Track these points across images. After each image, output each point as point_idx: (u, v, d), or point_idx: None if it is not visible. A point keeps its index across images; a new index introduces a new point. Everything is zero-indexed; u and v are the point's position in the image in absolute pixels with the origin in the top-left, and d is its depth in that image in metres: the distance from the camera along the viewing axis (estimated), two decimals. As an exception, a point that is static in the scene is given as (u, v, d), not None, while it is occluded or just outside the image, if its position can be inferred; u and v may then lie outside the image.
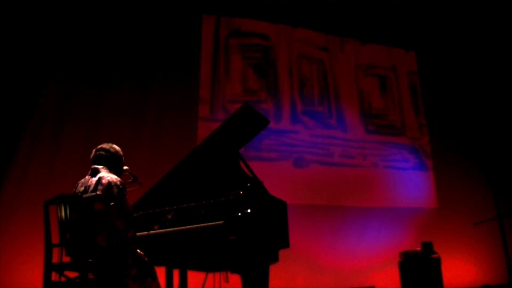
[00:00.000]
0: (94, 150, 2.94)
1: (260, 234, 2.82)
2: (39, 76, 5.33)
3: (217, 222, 2.79)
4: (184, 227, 2.91)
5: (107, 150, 2.92)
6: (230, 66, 6.17)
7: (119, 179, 2.78)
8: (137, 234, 2.96)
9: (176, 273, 3.38)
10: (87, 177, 2.84)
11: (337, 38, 6.88)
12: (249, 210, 2.76)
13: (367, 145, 6.56)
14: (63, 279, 2.67)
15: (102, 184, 2.70)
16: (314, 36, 6.75)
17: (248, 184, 3.02)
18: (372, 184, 6.37)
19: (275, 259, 3.01)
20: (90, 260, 2.57)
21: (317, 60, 6.67)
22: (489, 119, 7.23)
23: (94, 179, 2.76)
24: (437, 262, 5.02)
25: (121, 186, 2.74)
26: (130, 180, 3.08)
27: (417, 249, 5.13)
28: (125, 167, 3.05)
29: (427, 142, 6.91)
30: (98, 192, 2.67)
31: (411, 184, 6.56)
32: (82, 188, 2.78)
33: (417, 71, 7.23)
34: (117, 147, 2.98)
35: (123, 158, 3.01)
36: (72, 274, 2.65)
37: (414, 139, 6.88)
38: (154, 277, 2.72)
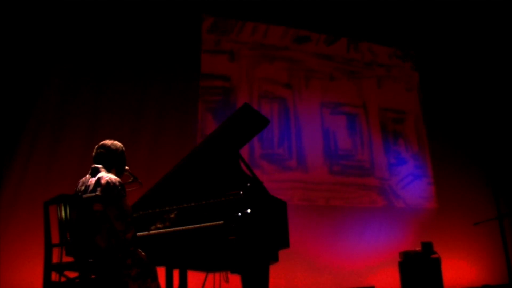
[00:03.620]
0: (96, 147, 2.93)
1: (260, 234, 2.82)
2: (39, 76, 5.32)
3: (217, 222, 2.79)
4: (184, 227, 2.91)
5: (106, 148, 2.90)
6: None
7: (118, 179, 2.77)
8: (137, 234, 2.96)
9: (176, 273, 3.38)
10: (87, 176, 2.84)
11: (301, 73, 6.49)
12: (249, 210, 2.76)
13: (331, 187, 6.15)
14: (63, 279, 2.67)
15: (101, 184, 2.70)
16: (277, 72, 6.37)
17: (248, 184, 3.02)
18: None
19: (275, 259, 3.02)
20: (90, 260, 2.57)
21: (279, 98, 6.28)
22: (489, 119, 7.23)
23: (94, 179, 2.75)
24: (437, 262, 5.02)
25: (120, 187, 2.72)
26: (130, 180, 3.08)
27: (417, 249, 5.13)
28: (125, 167, 3.04)
29: (398, 182, 6.56)
30: (97, 193, 2.67)
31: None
32: (83, 188, 2.78)
33: (388, 108, 6.87)
34: (118, 144, 2.96)
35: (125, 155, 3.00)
36: (72, 274, 2.64)
37: (383, 180, 6.49)
38: (154, 278, 2.72)
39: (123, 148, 2.98)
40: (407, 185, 6.62)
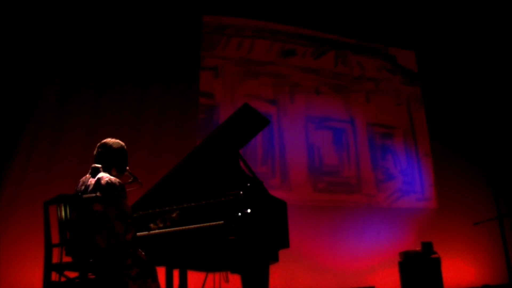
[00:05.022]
0: (97, 146, 2.91)
1: (260, 234, 2.82)
2: (39, 76, 5.33)
3: (217, 222, 2.79)
4: (184, 227, 2.91)
5: (107, 147, 2.88)
6: None
7: (118, 180, 2.76)
8: (137, 234, 2.96)
9: (176, 273, 3.38)
10: (87, 175, 2.83)
11: (287, 88, 6.30)
12: (249, 210, 2.76)
13: (315, 205, 5.99)
14: (63, 279, 2.66)
15: (101, 184, 2.69)
16: (263, 87, 6.20)
17: (248, 184, 3.02)
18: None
19: (275, 259, 3.01)
20: (90, 260, 2.57)
21: (264, 115, 6.16)
22: (489, 119, 7.23)
23: (94, 179, 2.75)
24: (437, 262, 5.03)
25: (119, 188, 2.72)
26: (130, 180, 3.06)
27: (417, 249, 5.13)
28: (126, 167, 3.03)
29: (386, 198, 6.42)
30: (97, 193, 2.66)
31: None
32: (83, 188, 2.77)
33: (377, 123, 6.70)
34: (120, 143, 2.93)
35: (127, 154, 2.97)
36: (72, 274, 2.64)
37: (371, 196, 6.35)
38: (154, 278, 2.72)
39: (125, 147, 2.96)
40: (395, 201, 6.49)
